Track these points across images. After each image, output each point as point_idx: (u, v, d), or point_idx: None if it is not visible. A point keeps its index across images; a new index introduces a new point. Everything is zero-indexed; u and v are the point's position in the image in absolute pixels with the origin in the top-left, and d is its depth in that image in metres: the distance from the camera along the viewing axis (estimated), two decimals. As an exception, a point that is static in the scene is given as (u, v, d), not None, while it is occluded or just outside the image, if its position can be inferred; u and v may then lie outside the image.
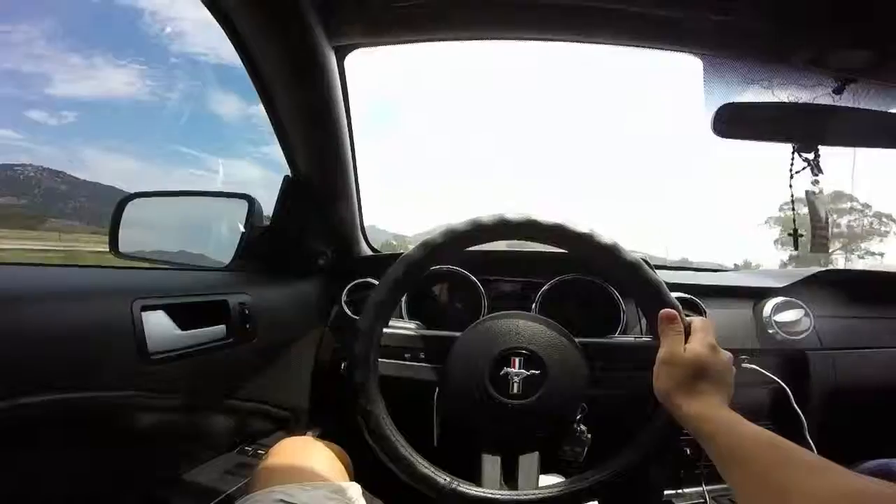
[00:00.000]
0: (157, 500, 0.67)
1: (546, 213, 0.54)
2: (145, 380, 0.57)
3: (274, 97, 0.74)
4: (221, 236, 0.92)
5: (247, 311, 0.71)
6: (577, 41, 0.74)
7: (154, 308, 0.58)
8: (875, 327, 0.95)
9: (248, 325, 0.71)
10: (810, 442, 0.74)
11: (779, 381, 0.73)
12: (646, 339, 0.66)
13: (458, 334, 0.60)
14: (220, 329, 0.67)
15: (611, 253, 0.54)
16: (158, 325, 0.58)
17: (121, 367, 0.55)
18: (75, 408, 0.50)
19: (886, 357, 0.93)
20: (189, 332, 0.62)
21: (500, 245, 0.61)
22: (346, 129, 0.84)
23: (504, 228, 0.54)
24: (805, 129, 0.70)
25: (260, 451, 0.79)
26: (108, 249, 0.86)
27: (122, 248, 0.87)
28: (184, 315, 0.62)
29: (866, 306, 0.97)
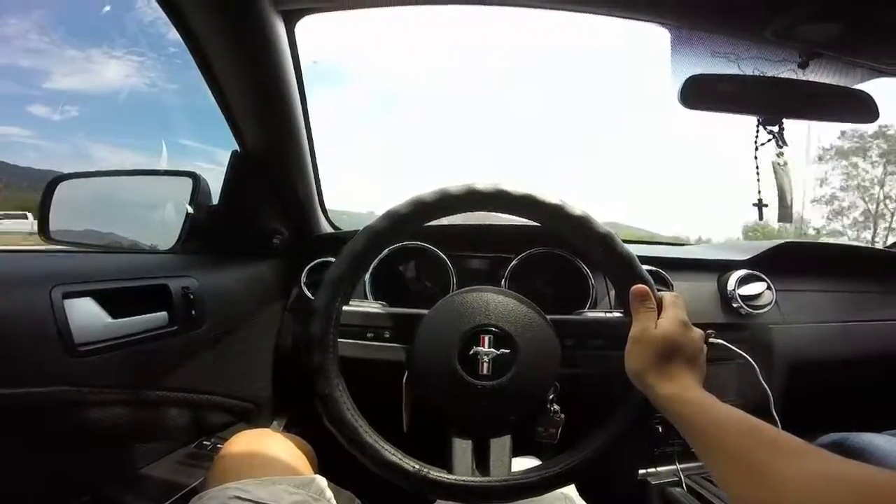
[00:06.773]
0: (110, 499, 0.63)
1: (516, 184, 0.52)
2: (75, 374, 0.52)
3: (215, 67, 0.68)
4: (165, 217, 0.85)
5: (191, 296, 0.65)
6: (544, 7, 0.71)
7: (79, 295, 0.52)
8: (834, 300, 0.97)
9: (193, 312, 0.65)
10: (776, 417, 0.75)
11: (746, 355, 0.74)
12: (616, 314, 0.65)
13: (424, 312, 0.57)
14: (160, 316, 0.61)
15: (582, 224, 0.51)
16: (86, 313, 0.53)
17: (44, 362, 0.49)
18: None
19: (844, 330, 0.95)
20: (123, 320, 0.56)
21: (467, 218, 0.58)
22: (298, 101, 0.78)
23: (473, 198, 0.51)
24: (770, 103, 0.71)
25: (219, 445, 0.74)
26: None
27: (52, 232, 0.80)
28: (117, 302, 0.56)
29: (826, 280, 0.99)
